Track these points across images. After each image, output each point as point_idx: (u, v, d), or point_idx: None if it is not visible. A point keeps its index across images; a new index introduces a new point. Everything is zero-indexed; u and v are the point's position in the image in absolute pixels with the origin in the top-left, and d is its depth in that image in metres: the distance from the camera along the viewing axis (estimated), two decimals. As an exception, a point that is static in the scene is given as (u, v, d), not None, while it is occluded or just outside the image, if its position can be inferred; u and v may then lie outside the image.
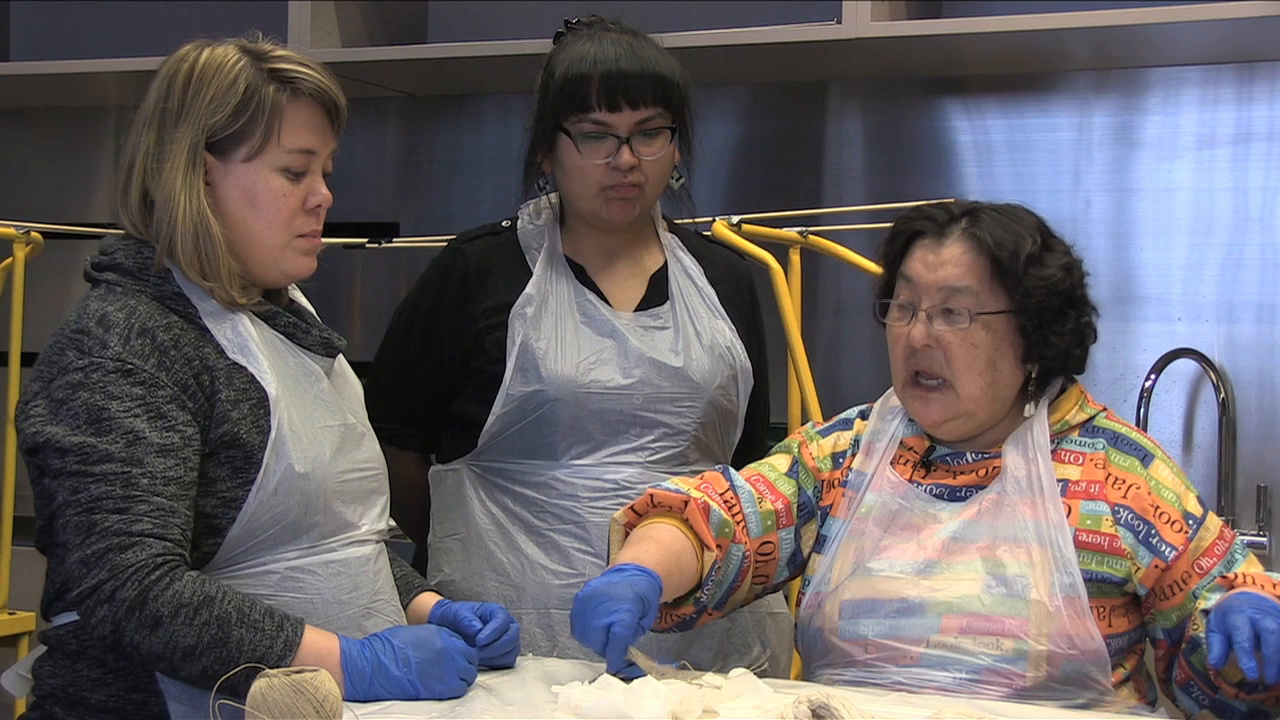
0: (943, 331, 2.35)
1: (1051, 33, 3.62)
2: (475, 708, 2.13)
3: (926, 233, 2.40)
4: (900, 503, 2.39)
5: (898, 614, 2.31)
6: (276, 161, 2.23)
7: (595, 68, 2.61)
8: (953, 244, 2.37)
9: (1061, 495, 2.33)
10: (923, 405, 2.38)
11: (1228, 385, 3.80)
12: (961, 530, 2.34)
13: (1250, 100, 3.83)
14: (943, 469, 2.41)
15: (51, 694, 2.19)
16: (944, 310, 2.36)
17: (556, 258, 2.72)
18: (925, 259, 2.38)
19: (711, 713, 2.07)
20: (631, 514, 2.38)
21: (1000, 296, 2.35)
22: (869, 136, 4.17)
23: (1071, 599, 2.27)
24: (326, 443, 2.25)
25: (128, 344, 2.13)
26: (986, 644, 2.27)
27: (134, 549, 2.04)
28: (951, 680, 2.27)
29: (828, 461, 2.50)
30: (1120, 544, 2.31)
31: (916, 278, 2.38)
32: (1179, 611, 2.31)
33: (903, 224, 2.44)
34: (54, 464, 2.10)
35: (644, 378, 2.65)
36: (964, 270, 2.35)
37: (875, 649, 2.32)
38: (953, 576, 2.32)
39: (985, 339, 2.35)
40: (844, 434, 2.52)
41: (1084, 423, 2.41)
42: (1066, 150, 3.98)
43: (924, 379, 2.38)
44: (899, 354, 2.41)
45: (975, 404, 2.36)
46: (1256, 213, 3.83)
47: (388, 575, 2.35)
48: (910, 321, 2.38)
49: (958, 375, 2.35)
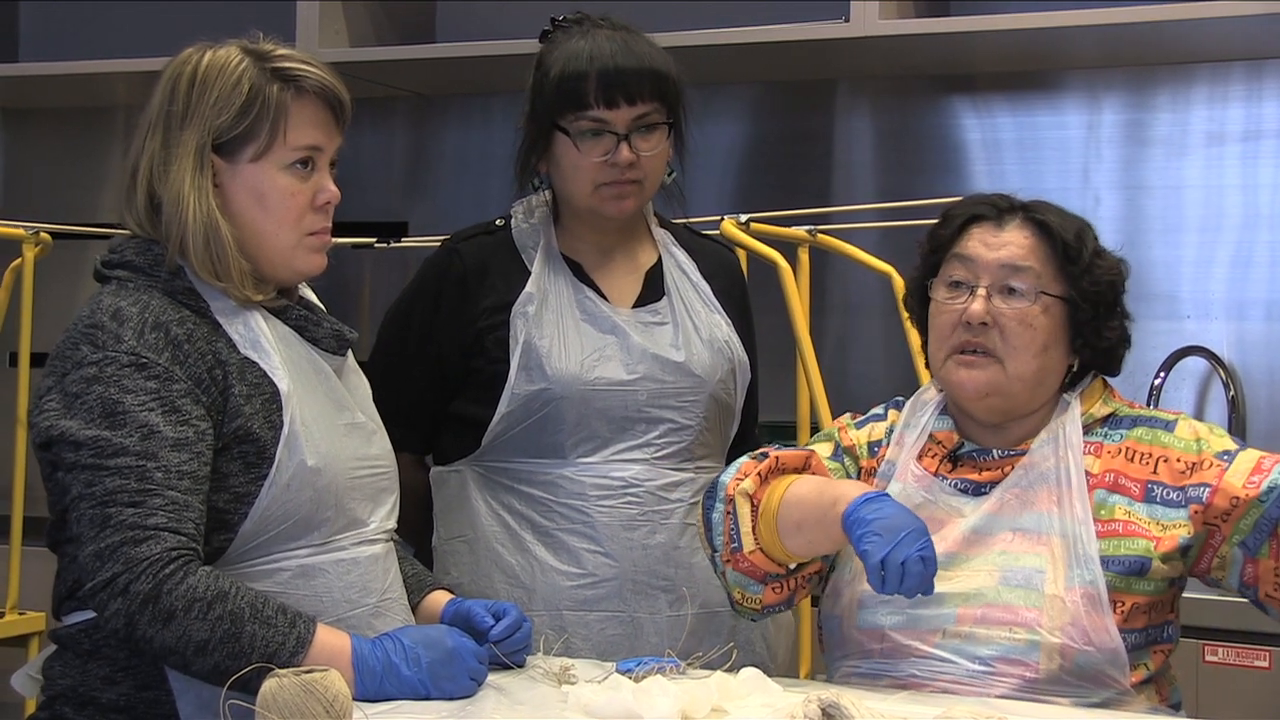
0: (1002, 309, 2.34)
1: (1060, 30, 3.62)
2: (486, 707, 2.13)
3: (986, 216, 2.39)
4: (924, 495, 2.38)
5: (914, 605, 2.29)
6: (284, 160, 2.23)
7: (592, 64, 2.60)
8: (1015, 228, 2.37)
9: None
10: (968, 372, 2.35)
11: (1237, 383, 3.80)
12: (983, 523, 2.34)
13: (1260, 97, 3.83)
14: (969, 464, 2.40)
15: (62, 694, 2.19)
16: (1005, 288, 2.35)
17: (553, 256, 2.71)
18: (985, 239, 2.37)
19: (721, 711, 2.07)
20: (758, 480, 2.34)
21: (1061, 282, 2.35)
22: (877, 135, 4.17)
23: (1089, 593, 2.25)
24: (338, 438, 2.25)
25: (142, 338, 2.13)
26: (1000, 633, 2.26)
27: (148, 543, 2.04)
28: (964, 671, 2.26)
29: (865, 449, 2.49)
30: (1135, 526, 2.30)
31: (976, 256, 2.36)
32: (1249, 516, 2.27)
33: (959, 208, 2.43)
34: (68, 457, 2.10)
35: (647, 373, 2.65)
36: (1027, 251, 2.35)
37: (891, 640, 2.32)
38: (971, 569, 2.31)
39: (1043, 321, 2.34)
40: (878, 424, 2.52)
41: (1107, 416, 2.40)
42: (1075, 148, 3.98)
43: (972, 350, 2.36)
44: (945, 330, 2.38)
45: (1021, 384, 2.35)
46: (1266, 210, 3.83)
47: (397, 575, 2.36)
48: (967, 298, 2.36)
49: (1011, 354, 2.33)
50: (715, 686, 2.10)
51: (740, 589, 2.36)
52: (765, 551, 2.32)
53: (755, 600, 2.36)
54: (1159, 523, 2.30)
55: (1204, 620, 3.18)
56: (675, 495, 2.66)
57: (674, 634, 2.61)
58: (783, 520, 2.30)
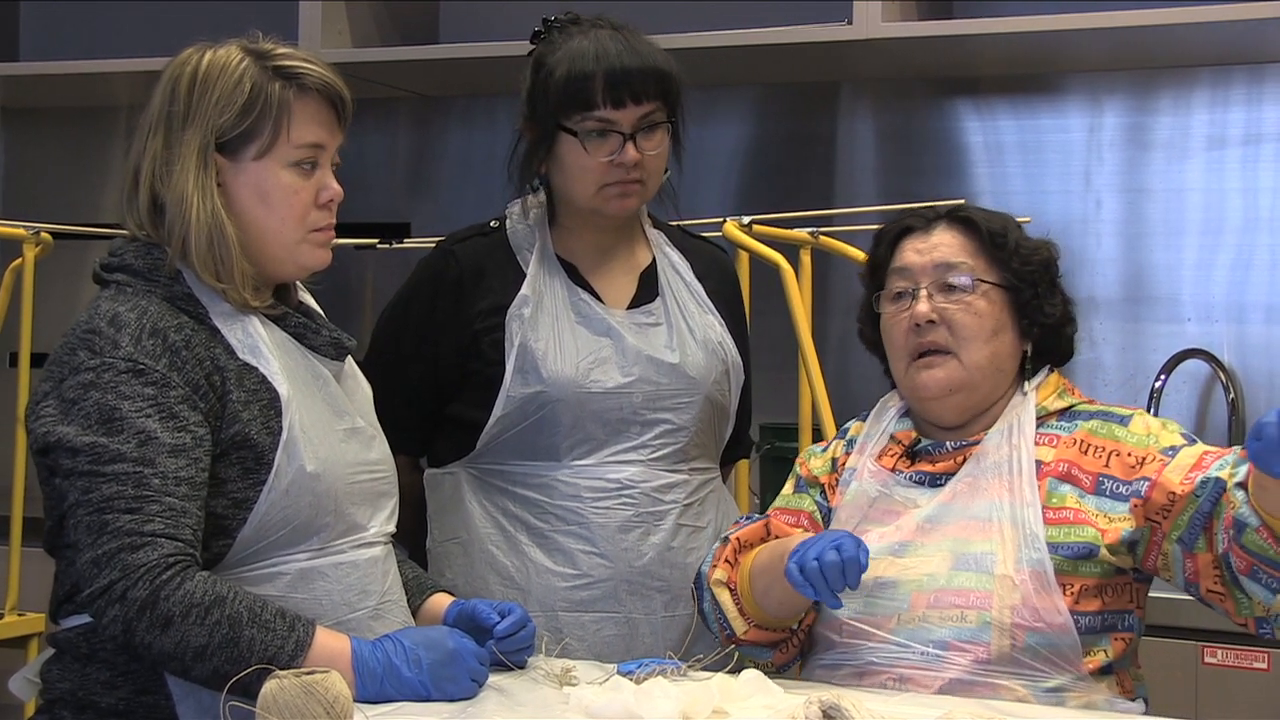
0: (945, 305, 2.42)
1: (1062, 33, 3.62)
2: (487, 709, 2.13)
3: (915, 228, 2.49)
4: (879, 489, 2.44)
5: (870, 594, 2.35)
6: (286, 158, 2.23)
7: (599, 65, 2.60)
8: (941, 230, 2.48)
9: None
10: (928, 373, 2.42)
11: (1237, 386, 3.80)
12: (936, 512, 2.38)
13: (1261, 101, 3.83)
14: (925, 459, 2.45)
15: (60, 698, 2.19)
16: (944, 285, 2.43)
17: (548, 257, 2.71)
18: (916, 247, 2.47)
19: (722, 713, 2.08)
20: (727, 567, 2.44)
21: (995, 269, 2.44)
22: (880, 137, 4.17)
23: (1037, 573, 2.29)
24: (337, 443, 2.25)
25: (139, 344, 2.13)
26: (951, 617, 2.30)
27: (145, 549, 2.04)
28: (919, 656, 2.30)
29: (826, 466, 2.55)
30: (1084, 515, 2.32)
31: (911, 264, 2.46)
32: (1185, 512, 2.27)
33: (888, 227, 2.54)
34: (65, 464, 2.10)
35: (642, 375, 2.65)
36: (957, 248, 2.45)
37: (850, 629, 2.36)
38: (924, 555, 2.36)
39: (986, 307, 2.42)
40: (839, 441, 2.58)
41: (1063, 410, 2.44)
42: (1077, 151, 3.98)
43: (928, 352, 2.42)
44: (899, 337, 2.45)
45: (980, 373, 2.41)
46: (1267, 213, 3.83)
47: (396, 577, 2.35)
48: (911, 303, 2.43)
49: (964, 345, 2.41)
50: (716, 688, 2.10)
51: (752, 660, 2.43)
52: (760, 626, 2.41)
53: (769, 665, 2.44)
54: (1106, 515, 2.33)
55: (1203, 622, 3.17)
56: (670, 497, 2.66)
57: (669, 635, 2.62)
58: (755, 592, 2.40)
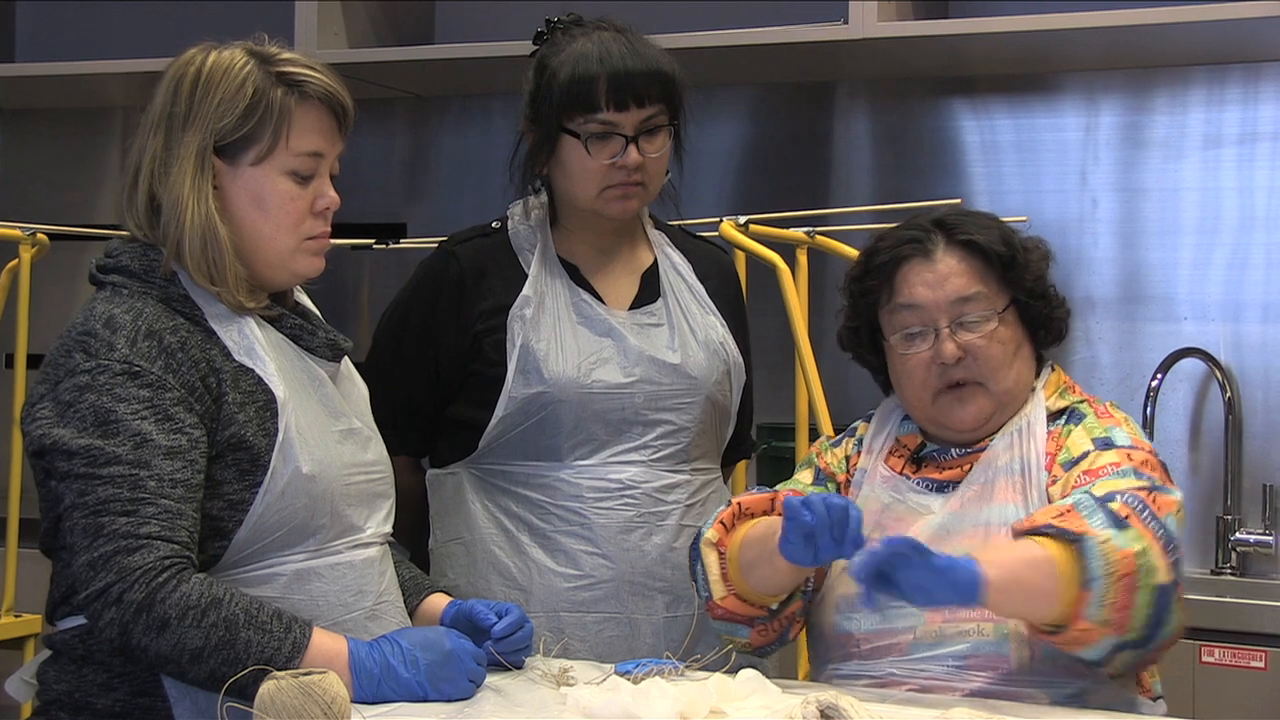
0: (970, 340, 2.38)
1: (1058, 33, 3.63)
2: (484, 709, 2.13)
3: (913, 255, 2.41)
4: (892, 495, 2.42)
5: (886, 608, 2.29)
6: (285, 165, 2.23)
7: (602, 67, 2.60)
8: (945, 256, 2.41)
9: None
10: (961, 408, 2.39)
11: (1234, 385, 3.80)
12: (950, 521, 2.36)
13: (1256, 100, 3.83)
14: (931, 464, 2.44)
15: (57, 699, 2.19)
16: (963, 322, 2.38)
17: (550, 258, 2.71)
18: (924, 279, 2.40)
19: (720, 713, 2.08)
20: (721, 529, 2.41)
21: (1005, 290, 2.41)
22: (876, 137, 4.17)
23: None
24: (333, 445, 2.25)
25: (135, 346, 2.12)
26: (969, 629, 2.28)
27: (141, 551, 2.04)
28: (941, 669, 2.28)
29: (841, 465, 2.53)
30: None
31: (923, 301, 2.39)
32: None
33: (881, 253, 2.44)
34: (61, 466, 2.10)
35: (644, 376, 2.65)
36: (968, 278, 2.39)
37: (868, 641, 2.34)
38: None
39: (1007, 333, 2.40)
40: (850, 439, 2.56)
41: (1063, 410, 2.42)
42: (1073, 150, 3.99)
43: (956, 384, 2.39)
44: (919, 375, 2.40)
45: (1009, 395, 2.40)
46: (1262, 212, 3.83)
47: (393, 578, 2.35)
48: (933, 343, 2.39)
49: (992, 375, 2.38)
50: (714, 688, 2.10)
51: (727, 635, 2.42)
52: (740, 596, 2.37)
53: (744, 644, 2.41)
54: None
55: (1200, 621, 3.18)
56: (672, 497, 2.66)
57: (671, 635, 2.62)
58: (741, 563, 2.37)
